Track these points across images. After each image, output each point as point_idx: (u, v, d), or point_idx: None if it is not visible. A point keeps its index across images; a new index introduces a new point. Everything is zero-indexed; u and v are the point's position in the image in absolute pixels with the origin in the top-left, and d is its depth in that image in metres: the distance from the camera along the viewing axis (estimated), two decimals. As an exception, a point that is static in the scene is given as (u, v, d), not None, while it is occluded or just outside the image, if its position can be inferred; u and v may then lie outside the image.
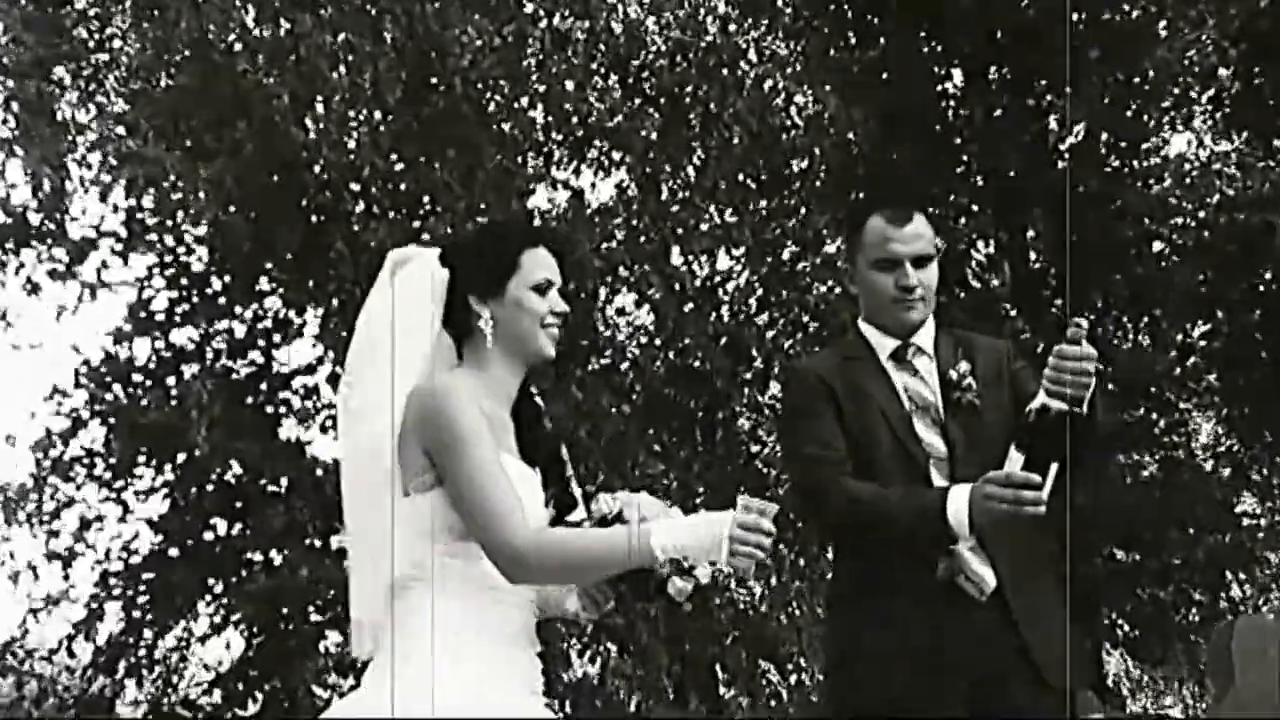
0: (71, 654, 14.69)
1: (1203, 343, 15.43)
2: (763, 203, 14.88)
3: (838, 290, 14.40)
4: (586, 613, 3.36)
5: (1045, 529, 4.01)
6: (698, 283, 15.08)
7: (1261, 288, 14.37)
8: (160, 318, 14.83)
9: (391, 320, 3.29)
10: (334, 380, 15.25)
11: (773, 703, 15.24)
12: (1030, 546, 3.95)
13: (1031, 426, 3.65)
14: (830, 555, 4.85)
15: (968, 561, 3.82)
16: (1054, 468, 3.66)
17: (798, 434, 4.22)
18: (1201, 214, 14.84)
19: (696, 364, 14.36)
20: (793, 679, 15.24)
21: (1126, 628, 15.24)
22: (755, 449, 14.99)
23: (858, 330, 4.22)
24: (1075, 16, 13.90)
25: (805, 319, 14.62)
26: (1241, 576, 15.54)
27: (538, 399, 3.39)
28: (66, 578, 14.51)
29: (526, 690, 3.20)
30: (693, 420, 14.58)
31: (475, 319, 3.22)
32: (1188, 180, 15.08)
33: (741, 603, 14.97)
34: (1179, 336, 15.35)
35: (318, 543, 13.80)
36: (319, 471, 14.30)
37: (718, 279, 15.45)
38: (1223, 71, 15.15)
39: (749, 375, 14.97)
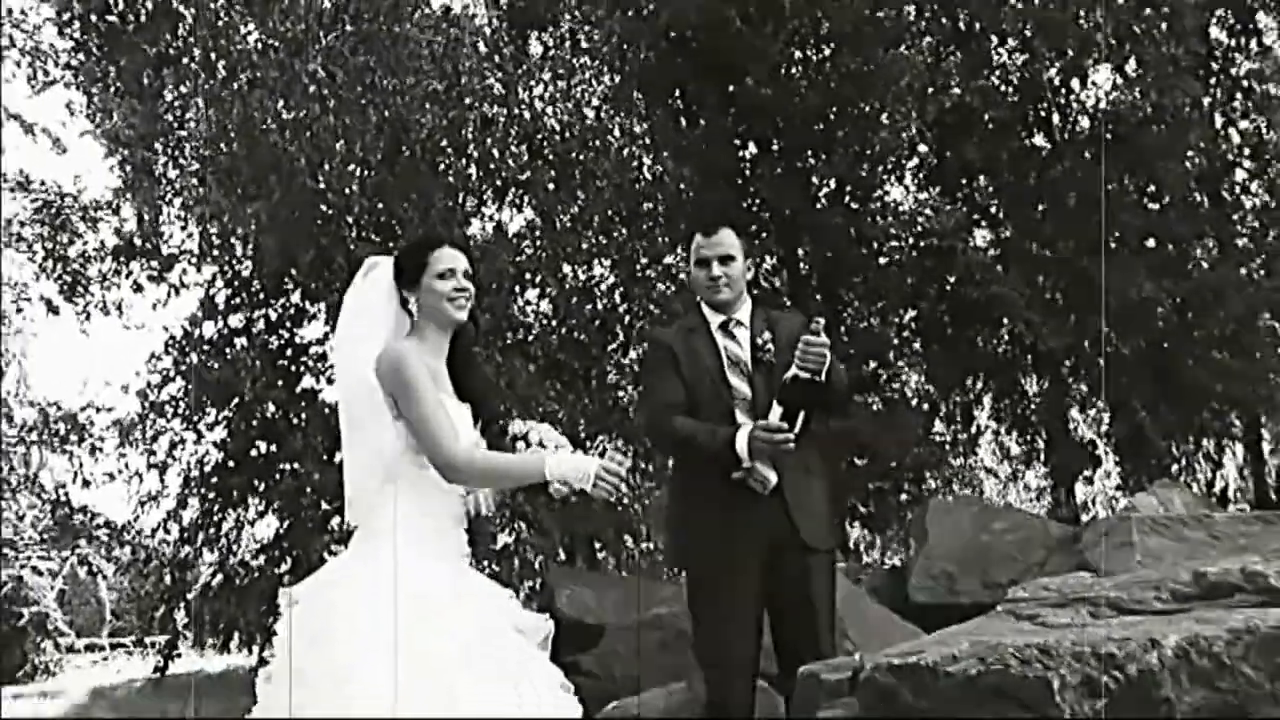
0: (166, 531, 15.27)
1: (912, 324, 16.27)
2: (623, 230, 15.27)
3: (672, 288, 15.07)
4: (482, 511, 3.74)
5: (810, 448, 4.40)
6: (580, 284, 15.42)
7: (948, 288, 15.05)
8: (221, 307, 15.41)
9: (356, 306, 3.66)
10: None
11: (629, 561, 16.13)
12: (801, 459, 4.35)
13: (786, 389, 4.17)
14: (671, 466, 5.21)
15: (756, 467, 4.29)
16: (801, 415, 4.19)
17: (649, 384, 4.67)
18: (910, 239, 15.23)
19: (580, 338, 14.97)
20: (644, 547, 15.89)
21: (863, 509, 15.93)
22: (620, 396, 15.30)
23: (699, 309, 4.63)
24: (833, 111, 14.87)
25: (651, 308, 15.00)
26: (935, 474, 16.59)
27: (475, 355, 3.81)
28: (161, 481, 15.16)
29: (459, 555, 3.55)
30: (577, 377, 14.92)
31: (407, 304, 3.60)
32: (902, 217, 15.50)
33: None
34: (896, 319, 16.11)
35: (325, 457, 14.05)
36: (326, 410, 14.54)
37: (594, 281, 15.86)
38: (923, 148, 15.99)
39: (615, 347, 15.57)
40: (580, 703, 3.42)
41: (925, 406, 16.88)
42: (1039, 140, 15.98)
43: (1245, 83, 15.56)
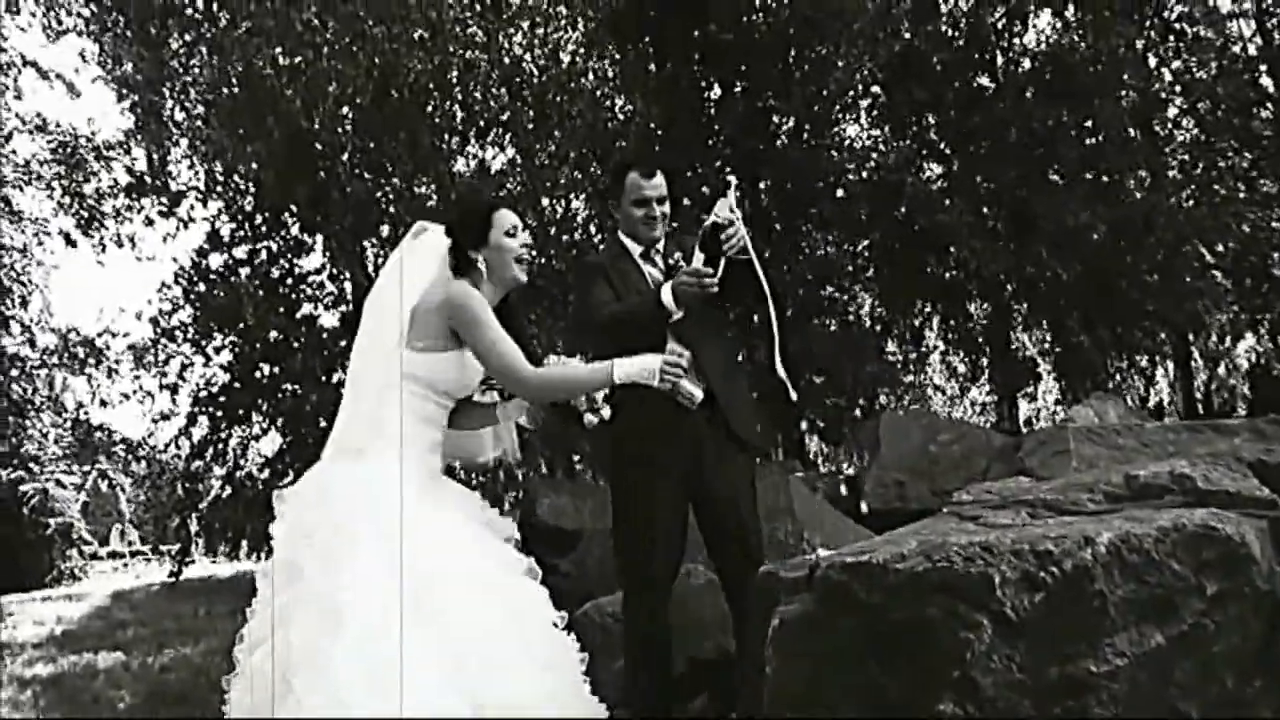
0: (178, 447, 15.96)
1: (865, 251, 16.63)
2: (597, 166, 15.32)
3: None
4: (530, 425, 3.80)
5: (733, 350, 4.62)
6: (557, 216, 15.75)
7: (899, 218, 15.31)
8: (225, 240, 15.85)
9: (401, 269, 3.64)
10: (333, 278, 15.97)
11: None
12: (728, 368, 4.55)
13: (705, 235, 4.23)
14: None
15: (683, 384, 3.96)
16: (722, 263, 4.19)
17: (582, 295, 4.61)
18: (863, 173, 15.75)
19: (558, 267, 14.85)
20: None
21: (820, 423, 16.42)
22: (594, 321, 15.24)
23: (619, 240, 4.71)
24: (791, 54, 15.43)
25: None
26: (887, 391, 16.89)
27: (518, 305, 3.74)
28: (173, 400, 15.86)
29: (432, 477, 3.57)
30: (555, 302, 14.94)
31: (475, 263, 3.61)
32: (856, 152, 16.19)
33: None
34: (850, 247, 16.50)
35: (323, 378, 14.88)
36: (323, 335, 15.44)
37: (570, 213, 16.17)
38: (875, 89, 16.38)
39: (590, 274, 15.93)
40: (559, 601, 3.63)
41: (878, 328, 17.31)
42: (984, 81, 16.32)
43: (1177, 25, 15.93)
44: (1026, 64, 16.14)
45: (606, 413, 3.67)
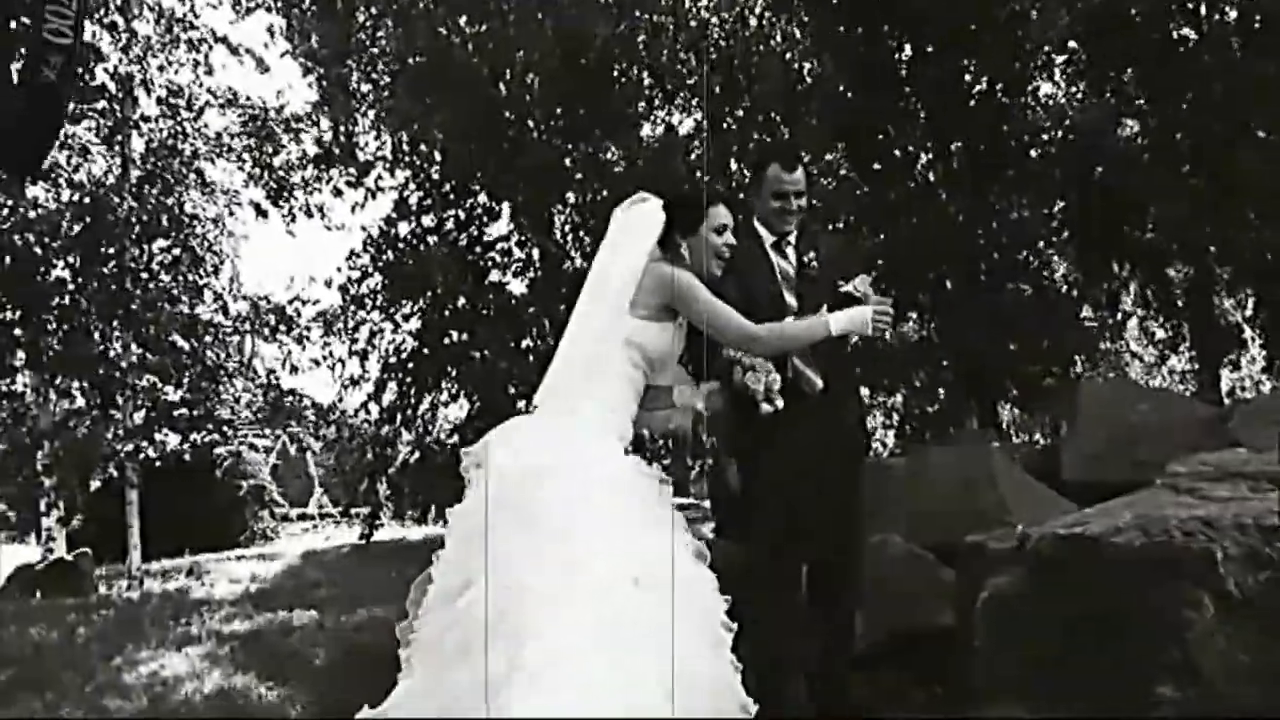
0: (367, 412, 16.32)
1: (1060, 213, 15.90)
2: (785, 129, 15.24)
3: (832, 183, 15.52)
4: (706, 411, 3.77)
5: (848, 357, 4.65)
6: (745, 179, 14.58)
7: (1094, 178, 14.87)
8: (413, 208, 16.10)
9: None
10: (521, 245, 16.15)
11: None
12: (838, 366, 4.61)
13: (840, 299, 4.25)
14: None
15: (804, 371, 4.47)
16: None
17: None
18: (1059, 133, 15.24)
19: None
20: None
21: (1014, 391, 15.84)
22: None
23: (751, 226, 4.70)
24: (986, 10, 14.63)
25: (814, 202, 14.83)
26: (1082, 357, 16.22)
27: None
28: (362, 367, 16.14)
29: (620, 439, 3.53)
30: None
31: (679, 248, 3.68)
32: (1051, 111, 15.63)
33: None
34: (1045, 210, 15.74)
35: (511, 345, 15.06)
36: (512, 302, 15.56)
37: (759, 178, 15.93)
38: (1072, 44, 15.59)
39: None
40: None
41: (1074, 293, 16.76)
42: (1186, 32, 15.42)
43: (1403, -35, 14.75)
44: (1233, 14, 15.37)
45: (780, 402, 3.86)
